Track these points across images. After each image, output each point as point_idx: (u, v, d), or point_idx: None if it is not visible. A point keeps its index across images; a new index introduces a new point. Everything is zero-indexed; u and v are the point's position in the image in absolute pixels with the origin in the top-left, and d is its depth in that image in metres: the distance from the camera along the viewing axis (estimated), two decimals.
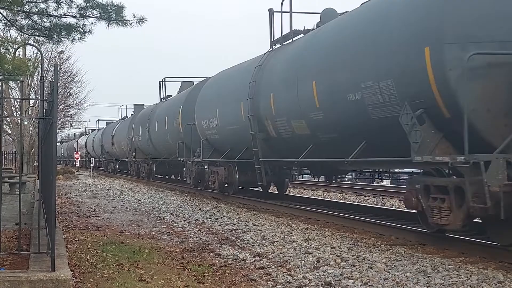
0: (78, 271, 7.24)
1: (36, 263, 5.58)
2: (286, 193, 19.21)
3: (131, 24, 12.33)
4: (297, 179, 22.87)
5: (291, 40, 14.33)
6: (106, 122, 61.93)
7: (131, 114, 40.22)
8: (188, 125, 21.04)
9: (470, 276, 7.09)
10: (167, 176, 33.88)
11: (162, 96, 31.49)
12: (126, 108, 46.63)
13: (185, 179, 23.41)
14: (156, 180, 31.41)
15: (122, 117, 44.28)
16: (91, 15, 12.18)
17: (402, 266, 7.71)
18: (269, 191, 19.61)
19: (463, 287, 6.58)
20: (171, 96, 30.04)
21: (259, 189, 19.10)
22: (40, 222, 7.15)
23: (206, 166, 20.25)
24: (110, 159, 44.99)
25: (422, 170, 9.60)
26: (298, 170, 17.78)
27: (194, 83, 25.67)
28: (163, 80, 31.76)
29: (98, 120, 68.09)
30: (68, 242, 9.54)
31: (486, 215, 7.90)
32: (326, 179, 16.32)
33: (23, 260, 6.60)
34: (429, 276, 7.11)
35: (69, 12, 12.25)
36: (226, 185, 18.63)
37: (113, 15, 12.06)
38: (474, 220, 8.75)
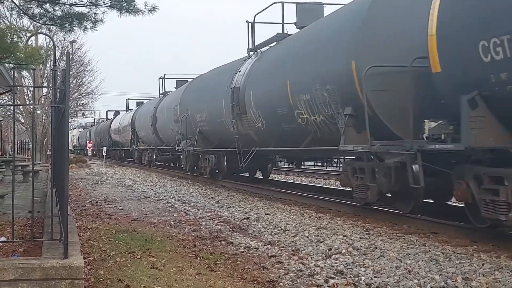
0: (90, 258, 7.28)
1: (49, 251, 5.60)
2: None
3: (142, 12, 12.30)
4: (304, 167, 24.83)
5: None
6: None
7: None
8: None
9: (483, 264, 7.06)
10: None
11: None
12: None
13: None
14: None
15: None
16: (103, 3, 12.17)
17: (414, 255, 7.69)
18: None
19: (476, 275, 6.55)
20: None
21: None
22: (53, 210, 7.18)
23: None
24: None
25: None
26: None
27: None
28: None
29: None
30: (81, 230, 9.60)
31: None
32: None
33: (36, 247, 6.64)
34: (441, 265, 7.09)
35: (80, 1, 12.25)
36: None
37: (125, 4, 12.04)
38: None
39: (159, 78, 33.71)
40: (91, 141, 54.13)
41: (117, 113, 53.95)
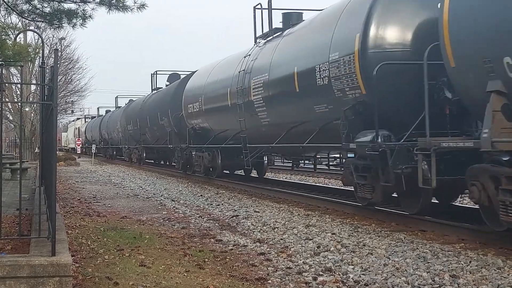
0: (79, 256, 7.27)
1: (37, 248, 5.58)
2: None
3: (131, 9, 12.30)
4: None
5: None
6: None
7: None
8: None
9: (470, 262, 7.10)
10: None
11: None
12: None
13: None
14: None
15: None
16: (92, 0, 12.15)
17: (402, 252, 7.72)
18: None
19: (463, 273, 6.59)
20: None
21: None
22: (41, 208, 7.16)
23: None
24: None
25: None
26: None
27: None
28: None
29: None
30: (69, 227, 9.57)
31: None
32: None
33: (24, 245, 6.61)
34: (429, 262, 7.13)
35: None
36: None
37: (114, 1, 12.03)
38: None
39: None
40: (80, 139, 53.61)
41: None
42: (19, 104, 35.88)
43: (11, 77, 35.93)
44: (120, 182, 22.12)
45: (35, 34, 27.98)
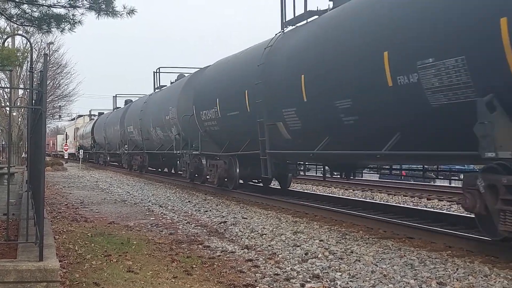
0: (66, 261, 7.23)
1: (24, 253, 5.56)
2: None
3: (121, 15, 12.30)
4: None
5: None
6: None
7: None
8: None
9: (457, 269, 7.14)
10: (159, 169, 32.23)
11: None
12: None
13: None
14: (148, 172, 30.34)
15: None
16: (81, 5, 12.15)
17: (389, 259, 7.75)
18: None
19: (450, 280, 6.63)
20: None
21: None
22: (29, 213, 7.12)
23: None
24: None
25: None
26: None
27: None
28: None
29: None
30: (57, 233, 9.52)
31: None
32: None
33: (11, 250, 6.57)
34: (416, 269, 7.16)
35: (59, 2, 12.21)
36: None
37: (103, 6, 12.02)
38: None
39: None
40: (67, 144, 53.24)
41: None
42: (6, 108, 35.70)
43: None
44: (108, 187, 22.04)
45: (22, 38, 27.88)
